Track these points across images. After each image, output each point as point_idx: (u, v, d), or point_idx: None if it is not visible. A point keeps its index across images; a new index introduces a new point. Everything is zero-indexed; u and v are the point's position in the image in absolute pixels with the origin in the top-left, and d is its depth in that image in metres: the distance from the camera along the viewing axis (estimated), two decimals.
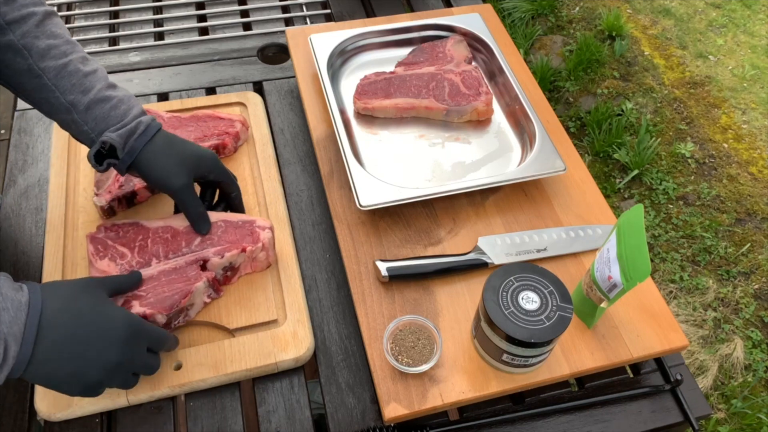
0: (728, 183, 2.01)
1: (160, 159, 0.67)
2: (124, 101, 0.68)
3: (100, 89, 0.67)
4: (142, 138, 0.67)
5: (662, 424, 0.68)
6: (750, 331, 1.71)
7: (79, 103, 0.65)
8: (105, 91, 0.67)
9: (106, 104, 0.66)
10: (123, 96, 0.68)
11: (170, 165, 0.67)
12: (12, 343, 0.51)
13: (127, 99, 0.68)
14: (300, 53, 0.96)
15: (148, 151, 0.67)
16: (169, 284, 0.66)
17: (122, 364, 0.56)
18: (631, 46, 2.41)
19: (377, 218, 0.78)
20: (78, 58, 0.67)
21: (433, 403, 0.63)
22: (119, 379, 0.58)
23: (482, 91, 0.88)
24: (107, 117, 0.66)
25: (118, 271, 0.67)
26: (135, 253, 0.69)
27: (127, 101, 0.68)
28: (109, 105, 0.66)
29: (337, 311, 0.73)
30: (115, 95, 0.67)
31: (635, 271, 0.59)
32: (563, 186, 0.82)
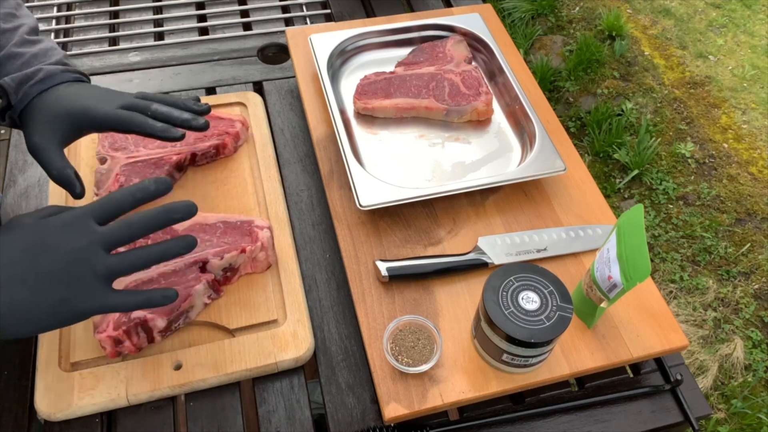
0: (728, 183, 2.01)
1: (37, 113, 0.62)
2: (37, 56, 0.64)
3: (13, 44, 0.64)
4: (37, 86, 0.63)
5: (662, 424, 0.68)
6: (750, 331, 1.71)
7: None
8: (17, 47, 0.64)
9: (16, 60, 0.63)
10: (38, 51, 0.65)
11: (41, 120, 0.62)
12: None
13: (43, 53, 0.65)
14: (300, 53, 0.96)
15: (36, 103, 0.62)
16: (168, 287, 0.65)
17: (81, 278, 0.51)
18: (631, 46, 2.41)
19: (377, 218, 0.78)
20: (1, 14, 0.64)
21: (433, 403, 0.63)
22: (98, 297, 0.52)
23: (482, 91, 0.88)
24: (15, 73, 0.63)
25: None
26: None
27: (41, 56, 0.65)
28: (19, 61, 0.63)
29: (337, 311, 0.73)
30: (27, 51, 0.64)
31: (635, 271, 0.59)
32: (563, 186, 0.82)
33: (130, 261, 0.53)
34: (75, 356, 0.65)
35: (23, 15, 0.68)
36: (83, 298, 0.51)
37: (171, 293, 0.55)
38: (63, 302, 0.51)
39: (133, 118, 0.63)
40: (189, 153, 0.80)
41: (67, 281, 0.51)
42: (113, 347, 0.64)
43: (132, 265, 0.53)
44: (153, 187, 0.54)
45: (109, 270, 0.52)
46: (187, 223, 0.71)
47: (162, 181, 0.55)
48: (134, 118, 0.63)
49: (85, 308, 0.52)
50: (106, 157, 0.78)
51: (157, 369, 0.65)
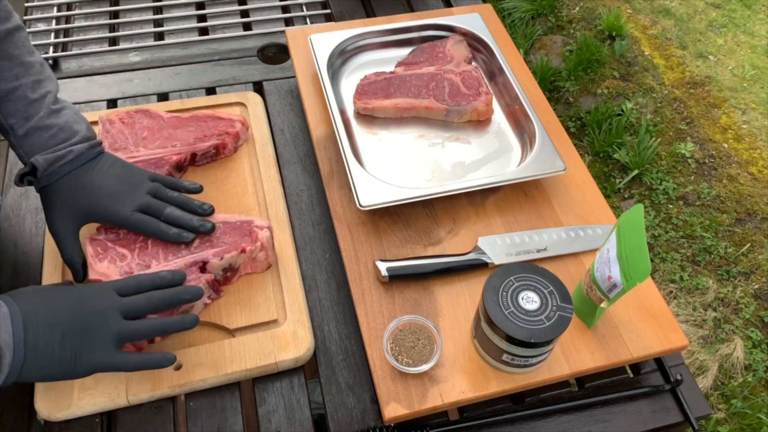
0: (728, 183, 2.01)
1: (58, 197, 0.69)
2: (64, 129, 0.69)
3: (42, 117, 0.68)
4: (67, 166, 0.68)
5: (662, 424, 0.68)
6: (750, 331, 1.71)
7: (18, 128, 0.67)
8: (46, 119, 0.68)
9: (45, 133, 0.68)
10: (64, 124, 0.69)
11: (61, 206, 0.68)
12: (6, 350, 0.53)
13: (69, 126, 0.69)
14: (300, 53, 0.96)
15: (62, 183, 0.68)
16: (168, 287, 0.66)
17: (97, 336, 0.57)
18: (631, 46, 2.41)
19: (377, 218, 0.78)
20: (28, 83, 0.68)
21: (433, 403, 0.63)
22: (107, 355, 0.58)
23: (482, 91, 0.88)
24: (44, 145, 0.68)
25: (118, 273, 0.67)
26: (135, 255, 0.69)
27: (68, 129, 0.69)
28: (47, 134, 0.68)
29: (337, 311, 0.73)
30: (56, 123, 0.69)
31: (635, 271, 0.59)
32: (563, 186, 0.82)
33: (142, 329, 0.60)
34: None
35: (47, 79, 0.71)
36: (95, 352, 0.57)
37: (170, 356, 0.61)
38: (78, 353, 0.57)
39: (148, 224, 0.69)
40: (189, 153, 0.80)
41: (86, 335, 0.57)
42: None
43: (143, 333, 0.60)
44: (169, 277, 0.63)
45: (123, 333, 0.59)
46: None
47: (178, 274, 0.64)
48: (149, 225, 0.69)
49: (94, 362, 0.58)
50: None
51: (157, 369, 0.65)
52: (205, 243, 0.70)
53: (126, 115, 0.82)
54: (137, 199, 0.70)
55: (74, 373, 0.57)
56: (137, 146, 0.79)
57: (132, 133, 0.81)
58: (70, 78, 0.98)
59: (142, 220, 0.69)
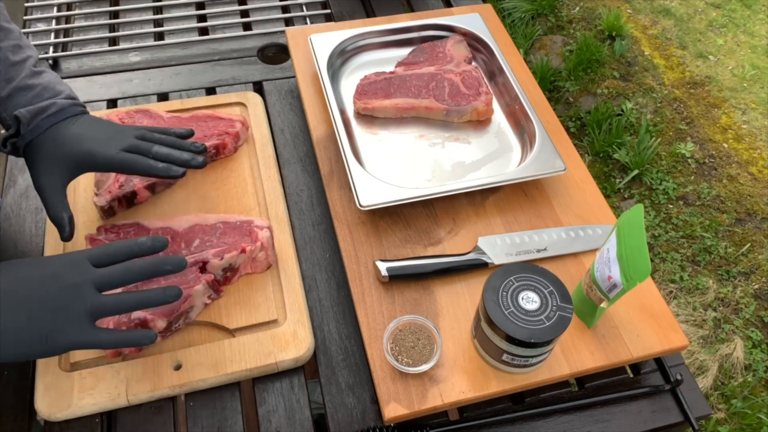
0: (728, 183, 2.01)
1: (43, 151, 0.66)
2: (48, 89, 0.68)
3: (24, 77, 0.67)
4: (50, 118, 0.66)
5: (662, 424, 0.68)
6: (750, 331, 1.71)
7: (0, 91, 0.65)
8: (28, 79, 0.67)
9: (28, 92, 0.66)
10: (47, 83, 0.68)
11: (45, 160, 0.65)
12: None
13: (52, 86, 0.68)
14: (300, 53, 0.96)
15: (44, 138, 0.66)
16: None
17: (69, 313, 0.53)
18: (631, 46, 2.41)
19: (377, 218, 0.78)
20: (9, 47, 0.67)
21: (433, 403, 0.63)
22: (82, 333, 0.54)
23: (482, 91, 0.88)
24: (28, 104, 0.66)
25: None
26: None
27: (51, 89, 0.68)
28: (31, 93, 0.66)
29: (337, 311, 0.73)
30: (38, 83, 0.67)
31: (635, 271, 0.59)
32: (563, 186, 0.82)
33: (117, 303, 0.56)
34: (75, 356, 0.65)
35: (26, 46, 0.70)
36: (69, 330, 0.53)
37: (152, 334, 0.57)
38: (51, 331, 0.53)
39: (135, 160, 0.66)
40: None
41: (58, 313, 0.53)
42: None
43: (119, 307, 0.56)
44: (149, 243, 0.58)
45: (98, 308, 0.55)
46: (187, 224, 0.71)
47: (159, 240, 0.59)
48: (136, 161, 0.66)
49: (68, 341, 0.54)
50: None
51: (157, 369, 0.65)
52: (205, 243, 0.70)
53: (126, 115, 0.82)
54: (124, 141, 0.67)
55: (48, 352, 0.54)
56: None
57: None
58: (70, 78, 0.98)
59: (129, 158, 0.66)
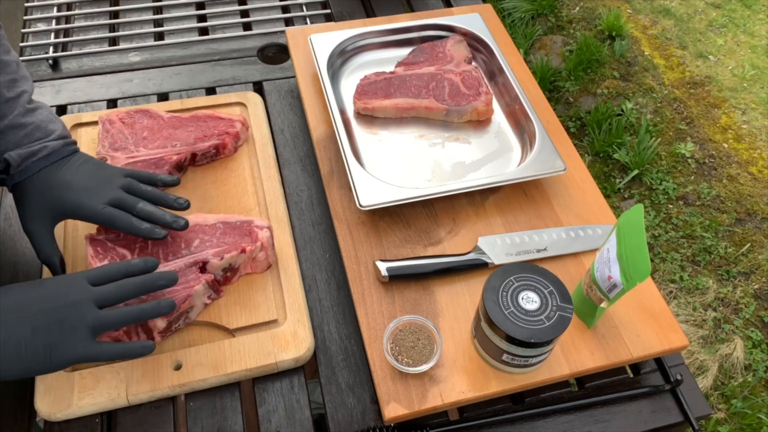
0: (728, 183, 2.01)
1: (33, 193, 0.67)
2: (40, 128, 0.69)
3: (17, 115, 0.67)
4: (41, 161, 0.68)
5: (662, 424, 0.68)
6: (750, 331, 1.71)
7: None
8: (21, 117, 0.68)
9: (20, 131, 0.67)
10: (40, 123, 0.69)
11: (33, 204, 0.67)
12: None
13: (45, 125, 0.69)
14: (300, 53, 0.96)
15: (35, 180, 0.67)
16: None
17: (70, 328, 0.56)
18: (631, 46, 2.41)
19: (377, 218, 0.78)
20: (4, 82, 0.68)
21: (433, 403, 0.63)
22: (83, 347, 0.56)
23: (482, 91, 0.88)
24: (19, 143, 0.67)
25: None
26: (135, 255, 0.69)
27: (43, 128, 0.69)
28: (23, 132, 0.67)
29: (337, 311, 0.73)
30: (31, 122, 0.68)
31: (635, 271, 0.59)
32: (563, 186, 0.82)
33: (116, 317, 0.58)
34: None
35: (22, 78, 0.71)
36: (71, 345, 0.56)
37: (149, 345, 0.60)
38: (53, 347, 0.55)
39: (119, 218, 0.67)
40: (189, 153, 0.80)
41: (60, 328, 0.56)
42: None
43: (117, 322, 0.59)
44: (141, 264, 0.62)
45: (98, 322, 0.57)
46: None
47: (150, 260, 0.63)
48: (120, 220, 0.67)
49: (71, 354, 0.56)
50: (107, 157, 0.78)
51: (157, 369, 0.65)
52: (205, 243, 0.70)
53: (126, 115, 0.82)
54: (109, 193, 0.68)
55: (51, 367, 0.56)
56: (137, 146, 0.79)
57: (132, 133, 0.81)
58: (70, 78, 0.98)
59: (114, 215, 0.67)
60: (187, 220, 0.69)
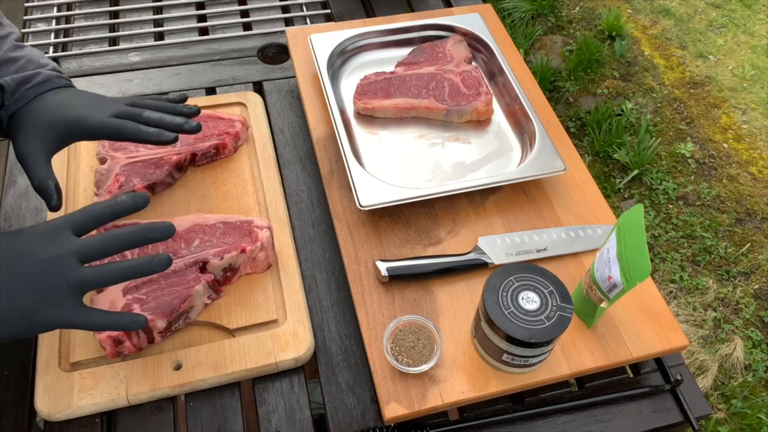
0: (728, 183, 2.01)
1: (28, 120, 0.63)
2: (32, 61, 0.67)
3: (6, 50, 0.66)
4: (36, 88, 0.65)
5: (662, 424, 0.68)
6: (750, 331, 1.71)
7: None
8: (11, 52, 0.66)
9: (11, 65, 0.65)
10: (31, 56, 0.67)
11: (29, 128, 0.63)
12: None
13: (36, 59, 0.68)
14: (300, 53, 0.96)
15: (29, 109, 0.64)
16: (168, 288, 0.66)
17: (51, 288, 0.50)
18: (631, 46, 2.41)
19: (377, 218, 0.78)
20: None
21: (433, 403, 0.63)
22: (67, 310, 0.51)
23: (482, 91, 0.88)
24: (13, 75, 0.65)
25: None
26: (135, 255, 0.69)
27: (35, 61, 0.67)
28: (14, 66, 0.65)
29: (337, 311, 0.73)
30: (22, 55, 0.67)
31: (635, 271, 0.59)
32: (563, 186, 0.82)
33: (103, 274, 0.53)
34: (75, 356, 0.65)
35: (8, 24, 0.70)
36: (53, 307, 0.51)
37: (140, 319, 0.54)
38: (33, 308, 0.50)
39: (125, 126, 0.63)
40: (189, 153, 0.80)
41: (40, 288, 0.50)
42: (113, 347, 0.64)
43: (105, 279, 0.53)
44: (131, 201, 0.55)
45: (82, 281, 0.52)
46: (187, 224, 0.71)
47: (140, 196, 0.55)
48: (127, 126, 0.63)
49: (53, 318, 0.51)
50: (106, 157, 0.78)
51: (157, 369, 0.65)
52: (205, 243, 0.70)
53: None
54: (114, 107, 0.65)
55: (33, 331, 0.51)
56: (137, 146, 0.79)
57: None
58: (70, 78, 0.98)
59: (119, 123, 0.63)
60: (200, 123, 0.65)
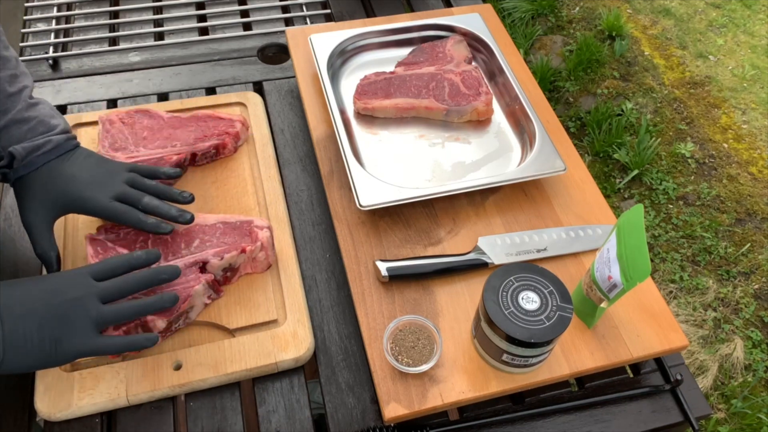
0: (728, 183, 2.01)
1: (35, 186, 0.67)
2: (43, 123, 0.69)
3: (20, 110, 0.68)
4: (45, 156, 0.68)
5: (662, 424, 0.68)
6: (750, 331, 1.71)
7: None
8: (24, 111, 0.68)
9: (23, 125, 0.67)
10: (43, 117, 0.69)
11: (35, 197, 0.67)
12: None
13: (47, 120, 0.69)
14: (300, 53, 0.96)
15: (39, 174, 0.67)
16: (168, 288, 0.66)
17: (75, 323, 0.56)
18: (631, 46, 2.41)
19: (377, 218, 0.78)
20: (6, 77, 0.68)
21: (433, 403, 0.63)
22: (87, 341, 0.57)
23: (482, 91, 0.88)
24: (22, 137, 0.67)
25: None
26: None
27: (46, 123, 0.69)
28: (26, 127, 0.68)
29: (337, 311, 0.73)
30: (34, 116, 0.68)
31: (635, 271, 0.59)
32: (563, 186, 0.82)
33: (119, 312, 0.59)
34: None
35: (22, 74, 0.71)
36: (75, 339, 0.57)
37: (153, 337, 0.61)
38: (57, 341, 0.56)
39: (125, 213, 0.68)
40: (189, 153, 0.80)
41: (65, 323, 0.56)
42: None
43: (121, 316, 0.59)
44: (144, 257, 0.63)
45: (103, 318, 0.58)
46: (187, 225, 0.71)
47: (152, 252, 0.63)
48: (127, 215, 0.68)
49: (76, 348, 0.57)
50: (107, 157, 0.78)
51: (157, 369, 0.65)
52: (205, 243, 0.70)
53: (126, 115, 0.82)
54: (114, 187, 0.69)
55: (56, 361, 0.57)
56: (137, 146, 0.79)
57: (132, 133, 0.81)
58: (70, 78, 0.98)
59: (121, 209, 0.67)
60: (193, 214, 0.69)
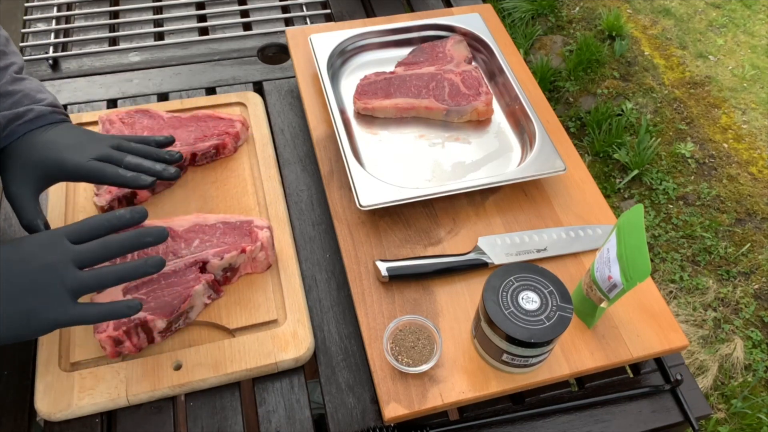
0: (728, 183, 2.01)
1: (19, 156, 0.64)
2: (28, 96, 0.67)
3: (4, 83, 0.66)
4: (26, 125, 0.65)
5: (662, 424, 0.68)
6: (750, 331, 1.71)
7: None
8: (9, 85, 0.66)
9: (7, 98, 0.65)
10: (28, 91, 0.67)
11: (17, 167, 0.64)
12: None
13: (33, 94, 0.67)
14: (300, 53, 0.96)
15: (20, 143, 0.64)
16: (168, 288, 0.66)
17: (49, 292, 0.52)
18: (631, 46, 2.41)
19: (377, 218, 0.78)
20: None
21: (433, 403, 0.63)
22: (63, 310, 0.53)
23: (482, 91, 0.88)
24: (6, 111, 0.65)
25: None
26: (135, 255, 0.69)
27: (32, 96, 0.67)
28: (11, 100, 0.66)
29: (337, 311, 0.73)
30: (19, 90, 0.66)
31: (635, 271, 0.59)
32: (563, 186, 0.82)
33: (98, 277, 0.54)
34: (75, 356, 0.65)
35: (11, 53, 0.70)
36: (50, 309, 0.53)
37: (135, 304, 0.55)
38: (31, 312, 0.52)
39: (103, 169, 0.64)
40: (189, 153, 0.80)
41: (37, 292, 0.52)
42: (113, 347, 0.64)
43: (100, 281, 0.55)
44: (128, 215, 0.57)
45: (78, 284, 0.54)
46: (187, 224, 0.71)
47: (138, 211, 0.58)
48: (104, 170, 0.64)
49: (50, 319, 0.53)
50: None
51: (157, 369, 0.65)
52: (205, 243, 0.70)
53: (126, 115, 0.82)
54: (97, 149, 0.65)
55: (30, 333, 0.53)
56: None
57: (132, 133, 0.81)
58: (70, 78, 0.98)
59: (98, 166, 0.63)
60: (179, 170, 0.65)
